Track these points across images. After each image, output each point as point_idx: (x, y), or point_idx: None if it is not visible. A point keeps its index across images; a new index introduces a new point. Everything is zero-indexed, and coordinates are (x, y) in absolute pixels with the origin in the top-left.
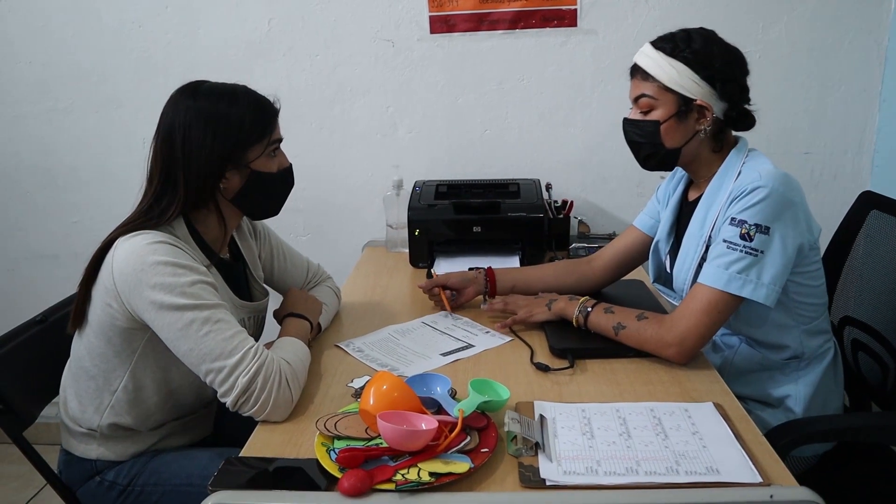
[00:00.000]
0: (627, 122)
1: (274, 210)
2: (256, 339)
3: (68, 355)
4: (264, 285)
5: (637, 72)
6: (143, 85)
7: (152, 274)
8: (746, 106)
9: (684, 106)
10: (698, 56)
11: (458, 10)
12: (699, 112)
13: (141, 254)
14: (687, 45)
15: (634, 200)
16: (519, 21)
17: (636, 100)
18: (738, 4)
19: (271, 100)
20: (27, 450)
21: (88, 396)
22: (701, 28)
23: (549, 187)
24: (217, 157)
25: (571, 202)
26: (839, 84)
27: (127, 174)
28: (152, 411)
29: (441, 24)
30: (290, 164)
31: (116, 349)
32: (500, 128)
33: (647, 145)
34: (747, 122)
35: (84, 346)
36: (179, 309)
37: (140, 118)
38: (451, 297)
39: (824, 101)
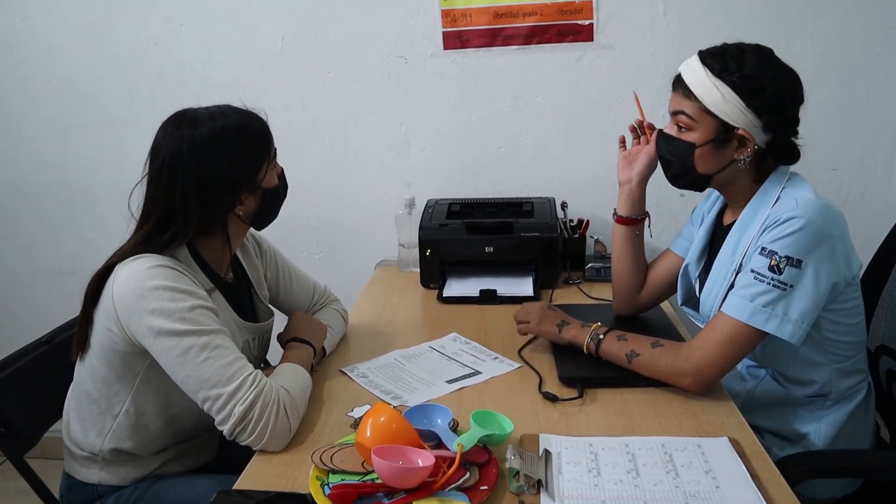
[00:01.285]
0: (661, 136)
1: (275, 217)
2: (261, 360)
3: (73, 377)
4: (269, 306)
5: (679, 85)
6: (158, 102)
7: (151, 299)
8: (794, 139)
9: (724, 133)
10: (748, 82)
11: (472, 25)
12: (739, 141)
13: (140, 278)
14: (738, 66)
15: (653, 219)
16: (534, 36)
17: (674, 114)
18: (761, 17)
19: (259, 114)
20: (28, 474)
21: (90, 420)
22: (758, 46)
23: (564, 206)
24: (233, 185)
25: (587, 221)
26: (867, 98)
27: (142, 191)
28: (154, 436)
29: (454, 40)
30: (282, 168)
31: (118, 373)
32: (515, 145)
33: (677, 165)
34: (791, 156)
35: (86, 370)
36: (178, 335)
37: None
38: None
39: (851, 115)
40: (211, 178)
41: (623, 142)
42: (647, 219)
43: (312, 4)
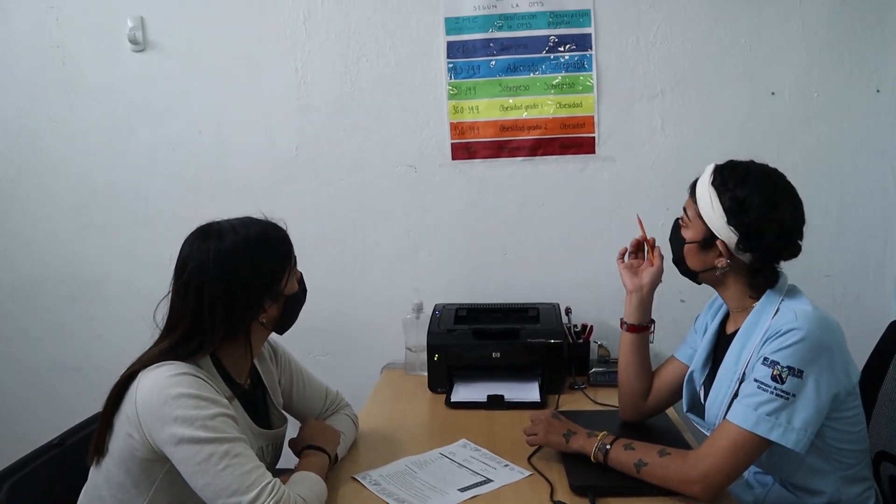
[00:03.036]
0: (675, 222)
1: (295, 321)
2: (273, 467)
3: (85, 481)
4: (283, 412)
5: (692, 186)
6: (173, 204)
7: (175, 406)
8: (776, 265)
9: (708, 240)
10: (735, 202)
11: (480, 137)
12: (718, 251)
13: (164, 385)
14: (734, 185)
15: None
16: (538, 148)
17: (684, 209)
18: (754, 131)
19: (279, 224)
20: None
21: None
22: (767, 171)
23: (568, 311)
24: (257, 295)
25: (591, 326)
26: (857, 207)
27: (152, 290)
28: None
29: (463, 151)
30: (301, 273)
31: (135, 479)
32: (520, 251)
33: (675, 253)
34: (770, 279)
35: (102, 475)
36: (199, 442)
37: (168, 236)
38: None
39: (843, 224)
40: (236, 288)
41: (623, 255)
42: (653, 325)
43: (327, 115)
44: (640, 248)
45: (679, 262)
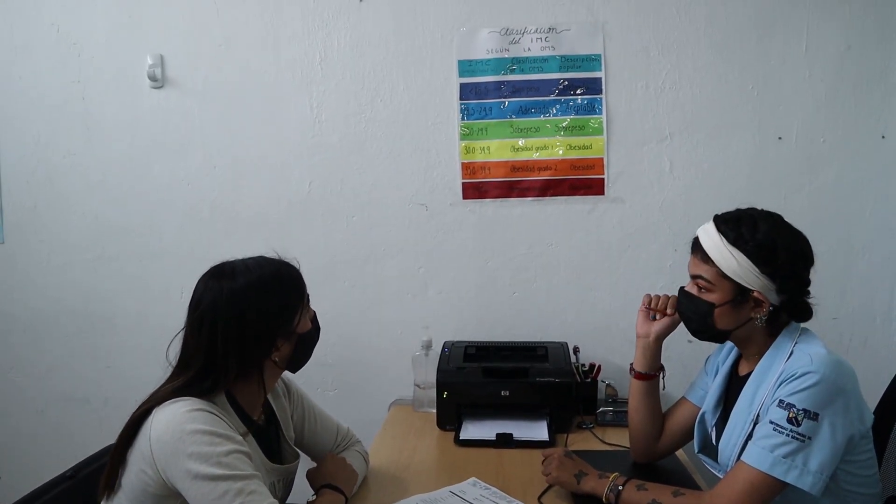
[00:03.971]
0: (683, 294)
1: (309, 359)
2: (284, 502)
3: None
4: (295, 448)
5: (697, 250)
6: (186, 238)
7: (190, 442)
8: (806, 298)
9: (741, 295)
10: (761, 250)
11: (490, 177)
12: (755, 302)
13: (179, 422)
14: (752, 235)
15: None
16: (548, 189)
17: (694, 276)
18: (761, 176)
19: (292, 263)
20: None
21: None
22: (768, 213)
23: (576, 350)
24: (269, 334)
25: (599, 366)
26: (863, 251)
27: (163, 322)
28: None
29: (473, 191)
30: (314, 312)
31: None
32: (529, 290)
33: (698, 321)
34: (804, 315)
35: None
36: (214, 479)
37: (181, 270)
38: None
39: (850, 268)
40: (248, 327)
41: (649, 302)
42: (662, 372)
43: (341, 153)
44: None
45: (706, 328)
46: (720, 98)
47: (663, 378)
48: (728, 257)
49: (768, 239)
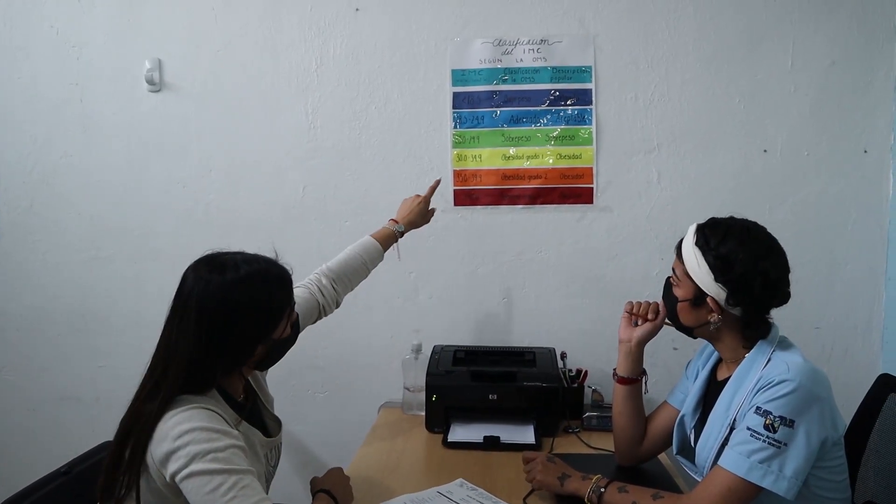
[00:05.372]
0: (666, 281)
1: (279, 360)
2: (275, 469)
3: None
4: (276, 415)
5: (678, 247)
6: (181, 240)
7: (188, 440)
8: (765, 316)
9: (699, 297)
10: (720, 260)
11: (482, 185)
12: (709, 307)
13: (177, 420)
14: (716, 244)
15: (648, 371)
16: (538, 197)
17: (672, 269)
18: (745, 188)
19: (285, 267)
20: None
21: None
22: (747, 227)
23: (563, 356)
24: (252, 342)
25: (586, 371)
26: (845, 263)
27: (157, 323)
28: None
29: (465, 197)
30: (297, 315)
31: None
32: (518, 296)
33: (669, 311)
34: (760, 330)
35: None
36: (210, 473)
37: (176, 270)
38: None
39: (832, 278)
40: (232, 331)
41: (632, 309)
42: (644, 377)
43: (335, 158)
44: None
45: (674, 319)
46: (707, 111)
47: (646, 382)
48: (692, 258)
49: (730, 252)
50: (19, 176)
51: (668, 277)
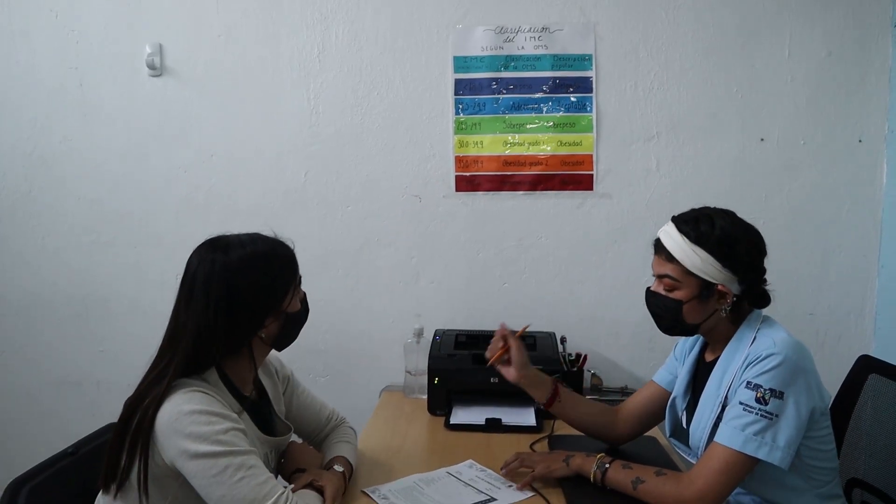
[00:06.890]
0: (650, 294)
1: (295, 339)
2: (277, 474)
3: (95, 490)
4: (286, 421)
5: (661, 250)
6: (182, 225)
7: (188, 423)
8: (764, 287)
9: (706, 290)
10: (722, 245)
11: (483, 171)
12: (720, 294)
13: (176, 403)
14: (711, 232)
15: (646, 355)
16: (539, 183)
17: (660, 276)
18: (743, 175)
19: (287, 242)
20: None
21: None
22: (723, 211)
23: (563, 340)
24: (260, 311)
25: (585, 356)
26: (840, 251)
27: (157, 308)
28: None
29: (466, 183)
30: (305, 293)
31: (149, 496)
32: (518, 282)
33: (668, 319)
34: (763, 301)
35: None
36: (213, 456)
37: (176, 256)
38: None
39: (827, 266)
40: (240, 300)
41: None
42: (558, 384)
43: (337, 144)
44: (507, 349)
45: (676, 324)
46: (706, 99)
47: (564, 385)
48: (691, 255)
49: (727, 234)
50: (19, 159)
51: (652, 288)
